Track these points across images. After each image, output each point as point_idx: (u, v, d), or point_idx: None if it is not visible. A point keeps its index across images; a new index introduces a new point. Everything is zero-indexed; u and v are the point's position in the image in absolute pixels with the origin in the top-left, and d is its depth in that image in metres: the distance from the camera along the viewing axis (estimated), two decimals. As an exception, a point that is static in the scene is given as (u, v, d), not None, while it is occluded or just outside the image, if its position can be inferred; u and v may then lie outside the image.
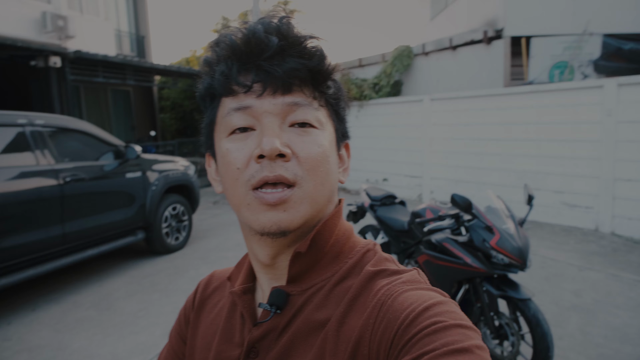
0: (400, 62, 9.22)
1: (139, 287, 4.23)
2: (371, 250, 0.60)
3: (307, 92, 0.55)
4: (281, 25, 0.55)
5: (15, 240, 3.47)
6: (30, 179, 3.60)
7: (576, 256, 4.63)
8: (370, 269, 0.55)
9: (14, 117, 3.64)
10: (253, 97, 0.54)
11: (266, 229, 0.53)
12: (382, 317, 0.48)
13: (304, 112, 0.55)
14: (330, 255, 0.59)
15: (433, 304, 0.47)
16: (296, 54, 0.54)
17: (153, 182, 4.95)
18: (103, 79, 8.69)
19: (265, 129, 0.53)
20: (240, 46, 0.54)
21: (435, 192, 7.68)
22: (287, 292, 0.58)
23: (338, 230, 0.60)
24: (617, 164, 5.31)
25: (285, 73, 0.53)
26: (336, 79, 0.61)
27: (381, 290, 0.51)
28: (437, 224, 2.72)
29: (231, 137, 0.56)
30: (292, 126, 0.55)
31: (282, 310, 0.57)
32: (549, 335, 2.31)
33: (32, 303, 3.90)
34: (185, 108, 13.62)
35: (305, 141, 0.54)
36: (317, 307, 0.55)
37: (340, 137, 0.63)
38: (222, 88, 0.56)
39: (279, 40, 0.53)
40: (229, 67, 0.55)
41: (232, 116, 0.55)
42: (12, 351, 3.09)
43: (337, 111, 0.62)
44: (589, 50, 6.80)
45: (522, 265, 2.41)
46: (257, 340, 0.58)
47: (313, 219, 0.56)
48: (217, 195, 9.22)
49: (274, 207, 0.52)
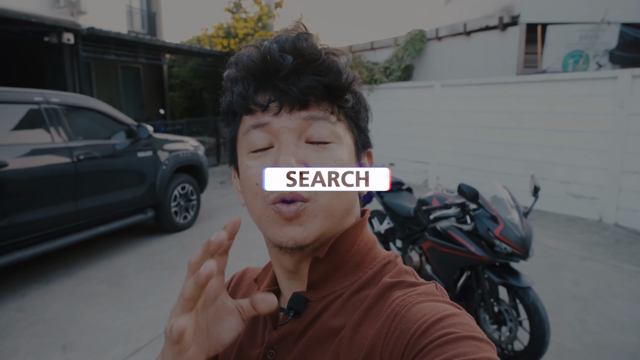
0: (413, 46, 9.13)
1: (148, 264, 4.35)
2: (392, 262, 0.60)
3: (324, 106, 0.57)
4: (298, 42, 0.55)
5: (30, 216, 3.58)
6: (45, 156, 3.69)
7: (578, 246, 4.68)
8: (388, 280, 0.56)
9: (30, 95, 3.71)
10: (270, 115, 0.56)
11: (283, 243, 0.55)
12: (395, 327, 0.48)
13: (321, 127, 0.56)
14: (350, 265, 0.60)
15: (447, 315, 0.47)
16: (311, 71, 0.55)
17: (163, 161, 5.03)
18: (115, 57, 8.71)
19: (282, 147, 0.55)
20: (256, 66, 0.56)
21: (442, 178, 7.70)
22: (306, 297, 0.59)
23: (360, 241, 0.61)
24: (625, 156, 5.30)
25: (300, 91, 0.54)
26: (356, 91, 0.61)
27: (396, 300, 0.52)
28: (443, 212, 2.78)
29: (252, 154, 0.58)
30: (309, 142, 0.56)
31: (301, 315, 0.58)
32: (546, 322, 2.38)
33: (45, 277, 4.04)
34: (195, 87, 13.61)
35: (322, 157, 0.55)
36: (333, 314, 0.56)
37: (360, 148, 0.63)
38: (240, 107, 0.58)
39: (295, 58, 0.54)
40: (245, 88, 0.57)
41: (252, 133, 0.57)
42: (28, 322, 3.23)
43: (357, 123, 0.62)
44: (606, 39, 6.69)
45: (524, 255, 2.46)
46: (275, 342, 0.59)
47: (330, 231, 0.57)
48: (224, 175, 9.32)
49: (290, 222, 0.54)
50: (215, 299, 0.52)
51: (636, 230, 5.17)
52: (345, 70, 0.58)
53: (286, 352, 0.58)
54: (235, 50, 10.47)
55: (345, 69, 0.58)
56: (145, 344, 2.92)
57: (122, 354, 2.81)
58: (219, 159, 10.77)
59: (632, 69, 5.23)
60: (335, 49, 0.58)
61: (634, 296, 3.51)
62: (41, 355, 2.80)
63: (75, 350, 2.85)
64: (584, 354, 2.74)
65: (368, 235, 0.64)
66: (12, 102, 3.57)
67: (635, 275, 3.91)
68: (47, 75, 8.28)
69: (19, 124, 3.63)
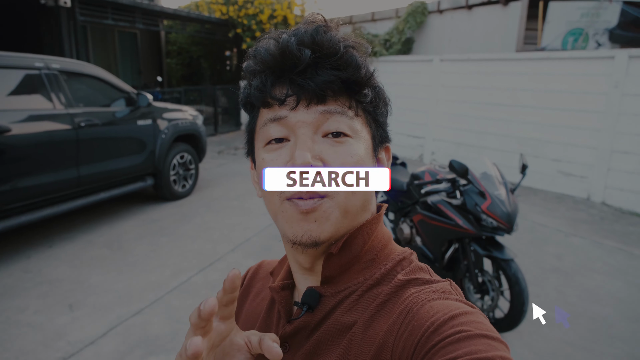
0: (414, 18, 9.04)
1: (148, 230, 4.49)
2: (406, 259, 0.60)
3: (341, 101, 0.56)
4: (316, 35, 0.55)
5: (33, 181, 3.67)
6: (47, 122, 3.75)
7: (564, 223, 4.84)
8: (402, 277, 0.55)
9: (31, 60, 3.73)
10: (287, 109, 0.56)
11: (297, 238, 0.55)
12: (407, 324, 0.48)
13: (337, 121, 0.56)
14: (364, 261, 0.60)
15: (459, 313, 0.46)
16: (329, 65, 0.54)
17: (163, 130, 5.09)
18: (112, 22, 8.58)
19: (298, 141, 0.55)
20: (274, 60, 0.55)
21: (437, 153, 7.80)
22: (320, 292, 0.59)
23: (375, 237, 0.61)
24: (616, 135, 5.41)
25: (317, 86, 0.54)
26: (376, 85, 0.61)
27: (409, 297, 0.51)
28: (434, 186, 2.90)
29: (267, 147, 0.58)
30: (326, 136, 0.56)
31: (314, 310, 0.59)
32: (525, 292, 2.54)
33: (48, 240, 4.17)
34: (192, 54, 13.44)
35: (338, 151, 0.55)
36: (346, 310, 0.56)
37: (377, 143, 0.63)
38: (258, 101, 0.58)
39: (312, 52, 0.54)
40: (263, 82, 0.57)
41: (269, 127, 0.57)
42: (34, 282, 3.37)
43: (375, 118, 0.62)
44: (607, 18, 6.66)
45: (508, 229, 2.60)
46: (289, 336, 0.59)
47: (345, 227, 0.57)
48: (221, 145, 9.37)
49: (305, 216, 0.54)
50: (223, 340, 0.52)
51: (621, 209, 5.34)
52: (364, 64, 0.57)
53: (299, 346, 0.58)
54: (234, 18, 10.32)
55: (364, 63, 0.57)
56: (147, 305, 3.08)
57: (126, 313, 2.97)
58: (217, 128, 10.78)
59: (629, 49, 5.27)
60: (355, 41, 0.58)
61: (612, 271, 3.69)
62: (48, 313, 2.96)
63: (81, 309, 3.01)
64: (559, 322, 2.93)
65: (383, 231, 0.63)
66: (13, 67, 3.60)
67: (615, 251, 4.09)
68: (44, 39, 8.17)
69: (20, 89, 3.67)
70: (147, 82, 11.75)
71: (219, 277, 3.52)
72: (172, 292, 3.27)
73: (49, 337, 2.69)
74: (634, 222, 4.93)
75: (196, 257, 3.85)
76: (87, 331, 2.76)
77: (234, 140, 10.14)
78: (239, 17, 10.31)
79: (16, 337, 2.68)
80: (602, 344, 2.71)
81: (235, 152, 8.82)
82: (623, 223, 4.89)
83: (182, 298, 3.19)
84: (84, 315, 2.94)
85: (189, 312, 2.97)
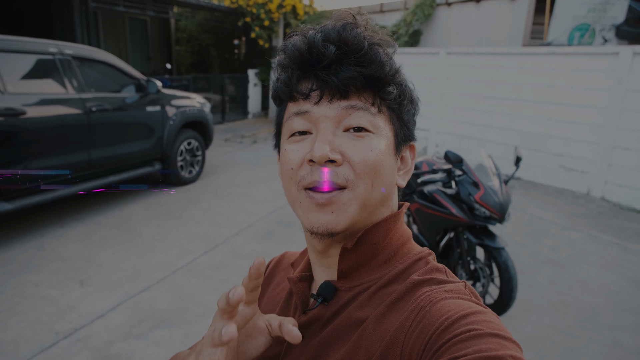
0: (422, 11, 9.05)
1: (156, 213, 4.64)
2: (423, 259, 0.60)
3: (365, 97, 0.57)
4: (342, 32, 0.56)
5: (46, 162, 3.82)
6: (60, 106, 3.89)
7: (562, 216, 4.93)
8: (416, 277, 0.55)
9: (46, 46, 3.86)
10: (311, 103, 0.57)
11: (314, 228, 0.56)
12: (419, 322, 0.48)
13: (359, 117, 0.57)
14: (381, 258, 0.60)
15: (471, 312, 0.46)
16: (353, 62, 0.55)
17: (171, 116, 5.21)
18: (123, 8, 8.69)
19: (319, 134, 0.56)
20: (300, 55, 0.57)
21: (441, 146, 7.86)
22: (335, 286, 0.60)
23: (393, 234, 0.61)
24: (618, 132, 5.45)
25: (341, 81, 0.55)
26: (402, 83, 0.61)
27: (422, 296, 0.52)
28: (430, 176, 3.00)
29: (291, 138, 0.60)
30: (348, 130, 0.57)
31: (329, 303, 0.60)
32: (515, 279, 2.66)
33: (60, 220, 4.33)
34: (202, 42, 13.53)
35: (358, 145, 0.56)
36: (360, 306, 0.57)
37: (400, 141, 0.63)
38: (284, 94, 0.60)
39: (338, 48, 0.55)
40: (289, 76, 0.59)
41: (293, 120, 0.59)
42: (48, 259, 3.54)
43: (400, 115, 0.62)
44: (614, 14, 6.66)
45: (500, 219, 2.71)
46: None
47: (362, 221, 0.58)
48: (229, 133, 9.49)
49: (322, 208, 0.55)
50: (246, 323, 0.54)
51: (620, 204, 5.41)
52: (389, 61, 0.58)
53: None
54: (244, 7, 10.36)
55: (389, 61, 0.58)
56: (154, 283, 3.23)
57: (134, 290, 3.13)
58: (224, 116, 10.90)
59: (634, 46, 5.29)
60: (382, 39, 0.59)
61: (605, 263, 3.79)
62: (61, 288, 3.12)
63: (92, 285, 3.17)
64: (549, 309, 3.04)
65: (403, 229, 0.63)
66: (28, 52, 3.73)
67: (610, 245, 4.18)
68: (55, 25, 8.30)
69: (34, 74, 3.81)
70: (156, 69, 11.87)
71: (222, 259, 3.66)
72: (178, 271, 3.42)
73: (62, 309, 2.85)
74: (632, 218, 5.00)
75: (201, 240, 4.00)
76: (97, 305, 2.92)
77: (241, 128, 10.25)
78: (248, 5, 10.36)
79: (31, 309, 2.84)
80: (589, 331, 2.82)
81: (242, 140, 8.94)
82: (620, 218, 4.96)
83: (187, 277, 3.34)
84: (94, 291, 3.09)
85: (194, 291, 3.13)
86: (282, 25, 10.76)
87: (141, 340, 2.60)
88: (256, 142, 8.76)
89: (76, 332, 2.64)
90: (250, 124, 10.82)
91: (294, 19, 10.81)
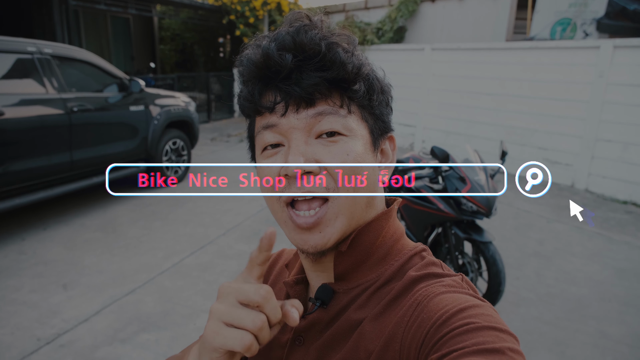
0: (406, 7, 9.06)
1: (141, 214, 4.56)
2: (418, 254, 0.59)
3: (332, 100, 0.55)
4: (297, 36, 0.53)
5: (27, 164, 3.73)
6: (40, 106, 3.79)
7: (548, 209, 4.98)
8: (413, 273, 0.55)
9: (23, 45, 3.76)
10: (278, 116, 0.55)
11: (304, 250, 0.56)
12: (417, 316, 0.48)
13: (330, 121, 0.54)
14: (376, 257, 0.59)
15: (468, 306, 0.46)
16: (313, 67, 0.53)
17: (155, 116, 5.13)
18: (104, 7, 8.53)
19: (291, 147, 0.54)
20: (258, 68, 0.55)
21: (427, 142, 7.90)
22: (333, 289, 0.59)
23: (386, 232, 0.60)
24: (600, 124, 5.53)
25: (303, 90, 0.53)
26: (368, 76, 0.58)
27: (419, 291, 0.51)
28: (418, 172, 3.00)
29: (264, 153, 0.58)
30: (320, 137, 0.55)
31: (328, 306, 0.59)
32: (502, 273, 2.67)
33: (43, 223, 4.24)
34: (186, 40, 13.38)
35: (333, 151, 0.54)
36: (359, 307, 0.56)
37: (377, 136, 0.61)
38: (249, 110, 0.58)
39: (294, 56, 0.52)
40: (250, 91, 0.56)
41: (263, 134, 0.57)
42: (29, 263, 3.46)
43: (371, 111, 0.59)
44: (594, 8, 6.74)
45: (487, 213, 2.71)
46: (303, 330, 0.59)
47: (351, 228, 0.57)
48: (215, 132, 9.41)
49: (308, 231, 0.54)
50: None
51: (604, 195, 5.49)
52: (350, 59, 0.55)
53: (313, 340, 0.58)
54: (228, 4, 10.26)
55: (350, 58, 0.55)
56: (140, 285, 3.17)
57: (119, 293, 3.07)
58: (210, 115, 10.80)
59: (614, 39, 5.37)
60: (339, 34, 0.57)
61: (590, 254, 3.84)
62: (43, 292, 3.05)
63: (75, 289, 3.10)
64: (536, 301, 3.07)
65: (395, 226, 0.62)
66: (5, 52, 3.63)
67: (594, 236, 4.23)
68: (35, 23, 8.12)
69: (13, 73, 3.72)
70: (140, 68, 11.70)
71: (209, 259, 3.62)
72: (164, 273, 3.37)
73: (44, 314, 2.79)
74: (615, 209, 5.08)
75: (188, 241, 3.94)
76: (81, 309, 2.85)
77: (227, 127, 10.17)
78: (232, 3, 10.26)
79: (12, 314, 2.77)
80: (576, 322, 2.85)
81: (228, 139, 8.87)
82: (604, 209, 5.03)
83: (174, 279, 3.29)
84: (78, 295, 3.03)
85: (180, 292, 3.09)
86: (267, 22, 10.69)
87: (127, 344, 2.55)
88: (242, 140, 8.69)
89: (59, 337, 2.58)
90: (237, 123, 10.74)
91: (279, 16, 10.74)
